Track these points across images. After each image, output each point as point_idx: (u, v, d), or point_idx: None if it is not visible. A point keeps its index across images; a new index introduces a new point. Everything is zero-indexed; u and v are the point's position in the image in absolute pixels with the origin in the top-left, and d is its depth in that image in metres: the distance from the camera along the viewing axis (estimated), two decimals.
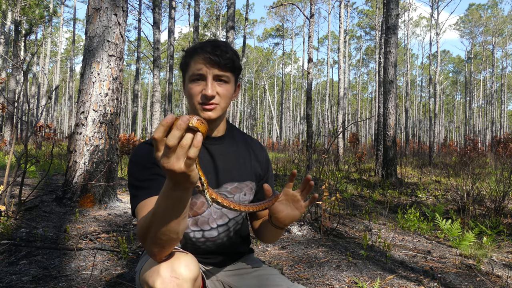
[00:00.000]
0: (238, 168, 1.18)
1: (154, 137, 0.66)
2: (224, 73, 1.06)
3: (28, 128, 3.50)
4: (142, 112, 51.19)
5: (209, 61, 1.03)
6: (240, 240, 1.25)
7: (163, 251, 0.84)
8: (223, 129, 1.19)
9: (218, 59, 1.03)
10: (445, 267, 2.56)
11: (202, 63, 1.04)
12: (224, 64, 1.05)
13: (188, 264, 0.86)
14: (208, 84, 1.04)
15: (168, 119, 0.65)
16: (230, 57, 1.06)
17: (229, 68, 1.07)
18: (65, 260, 2.28)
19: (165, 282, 0.82)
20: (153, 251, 0.84)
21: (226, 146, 1.18)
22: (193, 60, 1.06)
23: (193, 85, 1.07)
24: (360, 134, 42.77)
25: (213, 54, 1.03)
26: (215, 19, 30.54)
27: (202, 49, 1.05)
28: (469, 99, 39.92)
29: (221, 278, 1.20)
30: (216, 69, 1.04)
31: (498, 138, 17.61)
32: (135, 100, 17.61)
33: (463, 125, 48.71)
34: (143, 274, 0.89)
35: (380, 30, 16.96)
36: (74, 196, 3.62)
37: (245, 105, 47.32)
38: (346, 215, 4.13)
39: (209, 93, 1.03)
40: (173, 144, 0.64)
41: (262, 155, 1.27)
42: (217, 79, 1.06)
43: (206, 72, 1.04)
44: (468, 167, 7.98)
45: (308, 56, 11.31)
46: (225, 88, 1.08)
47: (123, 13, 3.89)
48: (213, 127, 1.14)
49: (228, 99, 1.10)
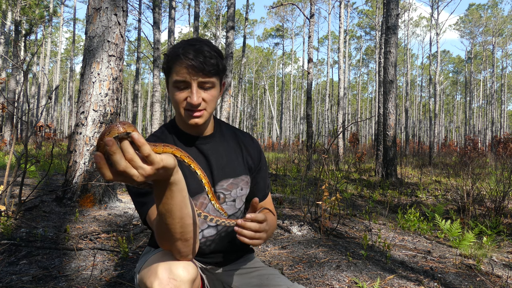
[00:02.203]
0: (231, 163, 1.17)
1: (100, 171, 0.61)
2: (208, 79, 1.02)
3: (28, 128, 3.50)
4: (142, 112, 51.19)
5: (192, 68, 0.99)
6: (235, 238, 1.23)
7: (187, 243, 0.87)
8: (211, 128, 1.19)
9: (202, 65, 0.99)
10: (445, 267, 2.56)
11: (185, 71, 1.00)
12: (208, 71, 1.01)
13: (186, 265, 0.86)
14: (193, 92, 1.01)
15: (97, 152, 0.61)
16: (214, 63, 1.02)
17: (213, 74, 1.03)
18: (65, 260, 2.28)
19: (162, 284, 0.82)
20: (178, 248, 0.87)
21: (216, 143, 1.18)
22: (175, 66, 1.02)
23: (177, 92, 1.04)
24: (360, 134, 42.76)
25: (196, 61, 0.99)
26: (215, 19, 30.53)
27: (184, 55, 0.99)
28: (469, 99, 39.92)
29: (221, 278, 1.19)
30: (200, 76, 1.01)
31: (498, 138, 17.62)
32: (135, 100, 17.62)
33: (463, 125, 48.73)
34: (141, 275, 0.90)
35: (380, 30, 16.96)
36: (74, 196, 3.62)
37: (245, 105, 47.32)
38: (346, 215, 4.13)
39: (194, 102, 1.01)
40: (124, 167, 0.61)
41: (252, 147, 1.25)
42: (202, 85, 1.03)
43: (190, 80, 1.01)
44: (468, 167, 7.98)
45: (308, 56, 11.31)
46: (210, 94, 1.05)
47: (123, 13, 3.89)
48: (202, 128, 1.14)
49: (214, 102, 1.09)
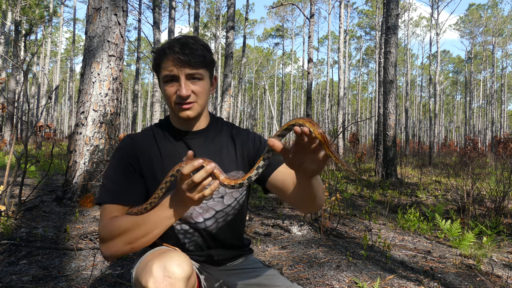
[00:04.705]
0: (221, 160, 1.15)
1: (183, 172, 0.85)
2: (196, 71, 1.04)
3: (28, 128, 3.50)
4: (142, 112, 51.20)
5: (178, 61, 1.02)
6: (231, 233, 1.20)
7: (135, 249, 0.97)
8: (205, 123, 1.18)
9: (187, 58, 1.02)
10: (445, 267, 2.56)
11: (172, 64, 1.03)
12: (195, 62, 1.03)
13: (180, 263, 0.86)
14: (182, 84, 1.03)
15: (199, 162, 0.85)
16: (201, 54, 1.04)
17: (201, 65, 1.05)
18: (65, 260, 2.28)
19: (157, 282, 0.82)
20: (124, 250, 0.97)
21: (207, 139, 1.17)
22: (163, 61, 1.05)
23: (167, 87, 1.06)
24: (360, 134, 42.75)
25: (182, 54, 1.02)
26: (215, 19, 30.52)
27: (170, 49, 1.03)
28: (469, 99, 39.92)
29: (219, 277, 1.18)
30: (187, 68, 1.03)
31: (498, 138, 17.62)
32: (135, 100, 17.61)
33: (463, 125, 48.72)
34: (137, 273, 0.90)
35: (380, 30, 16.96)
36: (74, 196, 3.62)
37: (245, 105, 47.33)
38: (346, 215, 4.13)
39: (183, 93, 1.03)
40: (198, 180, 0.84)
41: (249, 137, 1.23)
42: (190, 77, 1.05)
43: (177, 73, 1.03)
44: (468, 167, 7.98)
45: (308, 56, 11.31)
46: (200, 85, 1.07)
47: (123, 13, 3.89)
48: (194, 123, 1.15)
49: (205, 95, 1.10)
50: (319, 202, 1.05)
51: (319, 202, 1.05)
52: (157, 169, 1.10)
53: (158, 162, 1.11)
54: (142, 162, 1.10)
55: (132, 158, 1.10)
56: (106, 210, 1.05)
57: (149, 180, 1.10)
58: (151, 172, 1.10)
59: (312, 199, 1.01)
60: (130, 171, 1.09)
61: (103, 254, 1.01)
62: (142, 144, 1.13)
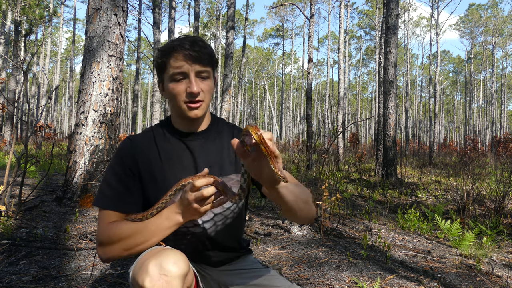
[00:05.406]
0: (221, 161, 1.14)
1: (195, 184, 0.89)
2: (205, 68, 1.05)
3: (28, 128, 3.50)
4: (142, 112, 51.19)
5: (189, 57, 1.02)
6: (230, 236, 1.19)
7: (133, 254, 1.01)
8: (206, 123, 1.18)
9: (198, 54, 1.02)
10: (445, 267, 2.56)
11: (183, 60, 1.02)
12: (205, 59, 1.04)
13: (176, 261, 0.86)
14: (192, 81, 1.03)
15: (210, 180, 0.92)
16: (209, 52, 1.05)
17: (209, 63, 1.06)
18: (65, 260, 2.28)
19: (153, 280, 0.82)
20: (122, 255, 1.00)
21: (208, 140, 1.16)
22: (171, 58, 1.03)
23: (176, 85, 1.05)
24: (360, 134, 42.74)
25: (193, 50, 1.02)
26: (215, 19, 30.52)
27: (181, 46, 1.02)
28: (469, 99, 39.91)
29: (217, 278, 1.18)
30: (197, 65, 1.03)
31: (498, 138, 17.62)
32: (135, 100, 17.61)
33: (463, 125, 48.72)
34: (134, 272, 0.90)
35: (380, 30, 16.96)
36: (74, 196, 3.62)
37: (245, 105, 47.32)
38: (346, 215, 4.13)
39: (195, 90, 1.03)
40: (207, 194, 0.90)
41: None
42: (199, 75, 1.05)
43: (188, 70, 1.03)
44: (468, 167, 7.98)
45: (308, 56, 11.31)
46: (207, 84, 1.07)
47: (123, 13, 3.89)
48: (197, 123, 1.14)
49: (211, 94, 1.10)
50: (304, 213, 0.99)
51: (304, 214, 0.99)
52: (156, 171, 1.10)
53: (157, 164, 1.11)
54: (140, 164, 1.10)
55: (130, 161, 1.09)
56: (104, 214, 1.06)
57: (148, 182, 1.09)
58: (150, 173, 1.10)
59: (290, 208, 0.95)
60: (128, 176, 1.08)
61: (100, 257, 1.03)
62: (142, 145, 1.13)
